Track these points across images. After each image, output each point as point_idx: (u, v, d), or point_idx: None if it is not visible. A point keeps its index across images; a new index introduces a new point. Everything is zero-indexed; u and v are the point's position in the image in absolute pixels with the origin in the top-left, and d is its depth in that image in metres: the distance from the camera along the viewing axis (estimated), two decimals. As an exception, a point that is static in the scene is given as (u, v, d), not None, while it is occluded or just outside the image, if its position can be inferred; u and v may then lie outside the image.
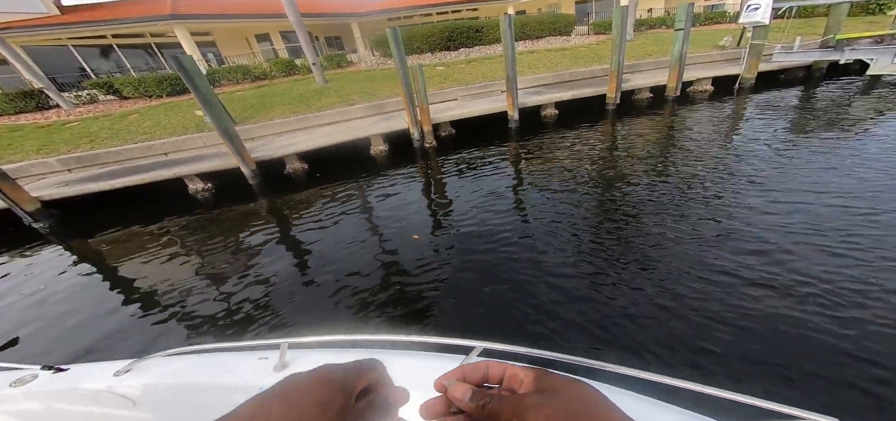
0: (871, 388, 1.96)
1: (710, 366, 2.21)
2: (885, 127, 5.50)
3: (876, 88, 7.61)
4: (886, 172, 4.11)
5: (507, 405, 0.28)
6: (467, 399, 0.30)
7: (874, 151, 4.72)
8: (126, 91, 11.04)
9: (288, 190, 6.18)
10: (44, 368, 1.20)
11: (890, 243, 2.96)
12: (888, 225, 3.19)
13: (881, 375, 2.01)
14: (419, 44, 14.12)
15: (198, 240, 4.84)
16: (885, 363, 2.06)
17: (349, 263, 3.72)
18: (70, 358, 2.92)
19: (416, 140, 7.38)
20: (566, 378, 0.29)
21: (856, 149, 4.89)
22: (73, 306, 3.64)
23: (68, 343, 3.13)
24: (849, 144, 5.06)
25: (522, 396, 0.28)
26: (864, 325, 2.30)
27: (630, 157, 5.66)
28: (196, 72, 5.39)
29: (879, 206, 3.47)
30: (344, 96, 9.49)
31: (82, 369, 1.22)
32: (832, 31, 9.08)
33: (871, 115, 6.04)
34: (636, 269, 3.08)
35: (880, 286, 2.56)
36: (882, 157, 4.54)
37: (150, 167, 6.63)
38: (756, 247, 3.13)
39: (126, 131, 8.08)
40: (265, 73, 13.59)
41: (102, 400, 1.11)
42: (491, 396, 0.29)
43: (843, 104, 6.84)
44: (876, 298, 2.47)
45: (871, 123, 5.65)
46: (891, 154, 4.57)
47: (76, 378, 1.17)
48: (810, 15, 14.12)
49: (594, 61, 10.56)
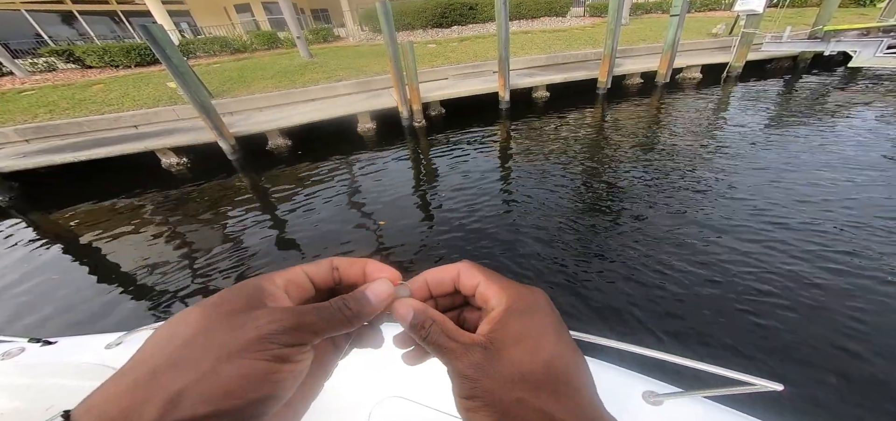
0: (820, 355, 2.05)
1: (673, 333, 2.26)
2: (856, 118, 5.69)
3: (855, 81, 7.82)
4: (851, 161, 4.26)
5: (451, 349, 0.24)
6: (408, 321, 0.26)
7: (842, 143, 4.87)
8: (89, 60, 10.19)
9: (270, 166, 5.92)
10: (31, 341, 1.17)
11: (835, 224, 3.09)
12: (835, 210, 3.34)
13: (830, 339, 2.11)
14: (410, 19, 13.54)
15: (174, 215, 4.60)
16: (825, 333, 2.16)
17: (335, 238, 3.63)
18: (34, 331, 2.75)
19: (405, 119, 7.15)
20: (542, 329, 0.24)
21: (826, 140, 5.02)
22: (36, 281, 3.42)
23: (37, 316, 2.95)
24: (820, 137, 5.19)
25: (468, 346, 0.24)
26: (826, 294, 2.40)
27: (616, 143, 5.66)
28: (167, 41, 4.98)
29: (831, 197, 3.62)
30: (330, 72, 9.05)
31: (71, 342, 1.19)
32: (822, 22, 9.19)
33: (844, 107, 6.22)
34: (617, 247, 3.12)
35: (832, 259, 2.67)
36: (849, 147, 4.69)
37: (118, 140, 6.19)
38: (725, 227, 3.21)
39: (90, 101, 7.49)
40: (245, 46, 12.80)
41: (95, 373, 1.08)
42: (432, 327, 0.25)
43: (821, 96, 7.02)
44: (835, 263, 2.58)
45: (843, 116, 5.82)
46: (857, 147, 4.73)
47: (65, 351, 1.14)
48: (803, 4, 14.26)
49: (588, 44, 10.40)
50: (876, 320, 2.24)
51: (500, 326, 0.24)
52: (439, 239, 3.49)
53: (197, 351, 0.20)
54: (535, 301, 0.26)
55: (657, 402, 0.77)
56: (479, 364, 0.23)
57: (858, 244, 2.87)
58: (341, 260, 0.30)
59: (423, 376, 0.95)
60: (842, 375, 1.96)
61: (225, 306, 0.22)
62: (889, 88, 7.17)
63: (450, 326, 0.26)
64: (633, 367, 0.87)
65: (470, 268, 0.29)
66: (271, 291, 0.24)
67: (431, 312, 0.26)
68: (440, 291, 0.30)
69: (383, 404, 0.95)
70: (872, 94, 6.78)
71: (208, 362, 0.20)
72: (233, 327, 0.21)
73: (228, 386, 0.19)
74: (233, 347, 0.20)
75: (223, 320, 0.21)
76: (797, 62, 9.70)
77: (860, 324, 2.23)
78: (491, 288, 0.27)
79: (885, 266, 2.63)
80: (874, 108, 6.04)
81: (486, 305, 0.27)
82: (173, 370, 0.19)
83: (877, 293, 2.42)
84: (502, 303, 0.25)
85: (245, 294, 0.23)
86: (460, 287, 0.29)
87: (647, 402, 0.78)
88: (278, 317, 0.22)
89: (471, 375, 0.23)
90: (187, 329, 0.21)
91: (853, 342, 2.12)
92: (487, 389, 0.22)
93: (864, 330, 2.19)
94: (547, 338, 0.24)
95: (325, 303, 0.25)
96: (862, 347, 2.09)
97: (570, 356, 0.24)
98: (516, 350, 0.23)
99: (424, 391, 0.95)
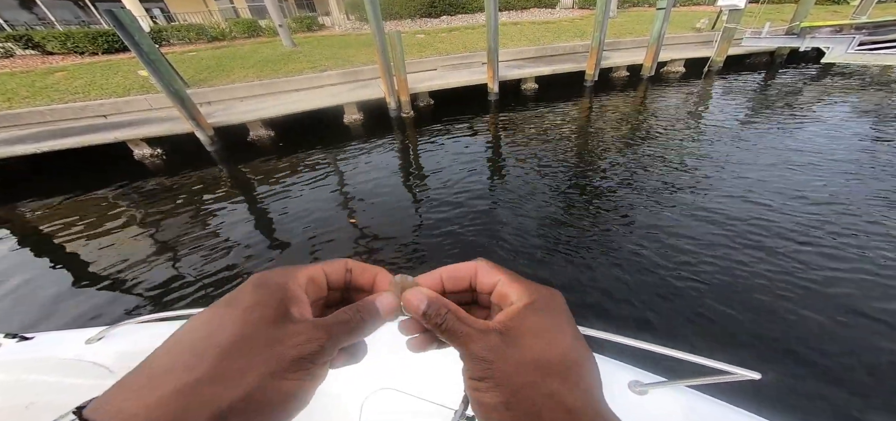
0: (794, 343, 2.13)
1: (653, 322, 2.30)
2: (827, 111, 5.96)
3: (827, 76, 8.17)
4: (824, 153, 4.47)
5: (467, 333, 0.25)
6: (422, 310, 0.26)
7: (813, 134, 5.09)
8: (50, 45, 9.49)
9: (252, 157, 5.68)
10: (7, 336, 1.11)
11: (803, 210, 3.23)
12: (811, 196, 3.50)
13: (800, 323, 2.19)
14: (399, 9, 13.25)
15: (148, 208, 4.36)
16: (802, 310, 2.25)
17: (321, 230, 3.52)
18: None
19: (393, 110, 7.01)
20: (560, 326, 0.25)
21: (797, 131, 5.25)
22: None
23: None
24: (793, 129, 5.41)
25: (484, 331, 0.24)
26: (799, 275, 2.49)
27: (603, 134, 5.72)
28: (136, 28, 4.68)
29: (809, 179, 3.81)
30: (314, 62, 8.75)
31: (49, 337, 1.14)
32: (799, 18, 9.52)
33: (817, 100, 6.50)
34: (606, 239, 3.16)
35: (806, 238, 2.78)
36: (820, 140, 4.91)
37: (85, 130, 5.81)
38: (704, 216, 3.30)
39: (52, 90, 6.97)
40: (223, 34, 12.22)
41: (75, 369, 1.04)
42: (447, 315, 0.26)
43: (795, 90, 7.30)
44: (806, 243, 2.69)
45: (816, 108, 6.08)
46: (826, 138, 4.95)
47: (43, 346, 1.09)
48: (782, 1, 14.73)
49: (576, 37, 10.45)
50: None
51: (519, 319, 0.25)
52: (428, 231, 3.43)
53: (240, 363, 0.20)
54: (554, 301, 0.26)
55: (643, 391, 0.79)
56: (494, 347, 0.23)
57: (821, 222, 3.00)
58: (355, 264, 0.30)
59: (415, 368, 0.97)
60: (810, 360, 2.04)
61: (258, 311, 0.23)
62: (858, 84, 7.52)
63: (463, 313, 0.26)
64: (619, 357, 0.89)
65: (488, 266, 0.29)
66: (296, 296, 0.25)
67: (444, 301, 0.27)
68: (455, 287, 0.30)
69: (375, 396, 0.96)
70: (843, 90, 7.10)
71: (253, 379, 0.20)
72: (271, 341, 0.22)
73: (273, 403, 0.21)
74: (275, 367, 0.21)
75: (261, 331, 0.22)
76: (774, 58, 10.05)
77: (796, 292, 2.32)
78: (512, 286, 0.27)
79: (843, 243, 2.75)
80: (844, 104, 6.33)
81: (503, 301, 0.27)
82: (218, 384, 0.19)
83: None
84: (523, 299, 0.26)
85: (275, 300, 0.23)
86: (477, 284, 0.29)
87: (632, 391, 0.80)
88: (314, 336, 0.23)
89: (486, 357, 0.23)
90: (224, 335, 0.21)
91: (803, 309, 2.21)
92: (501, 370, 0.22)
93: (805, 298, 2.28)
94: (564, 334, 0.24)
95: (343, 314, 0.26)
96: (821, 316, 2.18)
97: (584, 353, 0.24)
98: (533, 340, 0.24)
99: (415, 383, 0.96)
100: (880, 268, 2.56)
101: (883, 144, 4.56)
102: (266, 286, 0.24)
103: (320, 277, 0.28)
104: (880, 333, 2.12)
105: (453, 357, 0.75)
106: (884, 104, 6.13)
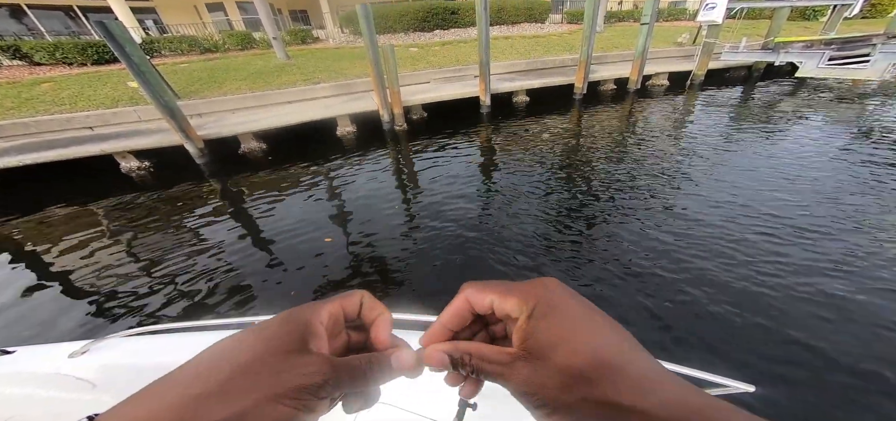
0: (784, 353, 2.19)
1: (655, 335, 2.34)
2: (800, 125, 6.26)
3: (801, 90, 8.57)
4: (801, 165, 4.68)
5: (495, 370, 0.25)
6: (446, 365, 0.27)
7: (791, 147, 5.33)
8: (38, 56, 9.35)
9: (243, 170, 5.64)
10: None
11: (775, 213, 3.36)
12: (787, 201, 3.64)
13: (791, 337, 2.26)
14: (393, 23, 13.48)
15: (135, 222, 4.27)
16: (794, 325, 2.32)
17: (314, 245, 3.49)
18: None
19: (386, 122, 7.07)
20: (571, 326, 0.24)
21: (775, 143, 5.48)
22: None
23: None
24: (770, 141, 5.65)
25: (510, 364, 0.25)
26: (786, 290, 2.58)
27: (592, 146, 5.86)
28: (127, 39, 4.67)
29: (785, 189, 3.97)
30: (308, 74, 8.81)
31: (31, 351, 1.13)
32: (773, 34, 10.01)
33: (792, 113, 6.83)
34: (597, 249, 3.22)
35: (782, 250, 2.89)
36: (797, 151, 5.14)
37: (71, 142, 5.70)
38: (687, 226, 3.39)
39: (38, 101, 6.85)
40: (216, 46, 12.24)
41: (58, 383, 1.02)
42: (472, 360, 0.26)
43: (773, 103, 7.65)
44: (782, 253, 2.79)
45: (790, 121, 6.39)
46: (799, 149, 5.19)
47: (25, 361, 1.08)
48: (757, 17, 15.50)
49: (565, 51, 10.77)
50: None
51: (530, 335, 0.24)
52: (421, 245, 3.43)
53: (246, 383, 0.22)
54: (551, 299, 0.25)
55: None
56: (529, 379, 0.23)
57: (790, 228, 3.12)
58: (368, 298, 0.31)
59: (409, 384, 0.93)
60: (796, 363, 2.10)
61: (278, 341, 0.24)
62: (829, 97, 7.91)
63: (485, 350, 0.26)
64: None
65: (476, 290, 0.28)
66: (317, 332, 0.26)
67: (462, 346, 0.27)
68: (461, 325, 0.29)
69: (369, 412, 0.93)
70: (813, 103, 7.46)
71: (252, 400, 0.21)
72: (280, 369, 0.23)
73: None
74: (276, 391, 0.22)
75: (276, 358, 0.23)
76: (751, 71, 10.52)
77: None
78: (506, 301, 0.26)
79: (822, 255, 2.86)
80: (816, 115, 6.65)
81: (507, 318, 0.27)
82: (218, 400, 0.21)
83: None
84: (523, 310, 0.25)
85: (297, 332, 0.25)
86: (477, 311, 0.29)
87: None
88: (320, 370, 0.24)
89: (529, 392, 0.23)
90: (241, 356, 0.23)
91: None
92: (552, 398, 0.22)
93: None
94: (580, 332, 0.24)
95: (354, 360, 0.27)
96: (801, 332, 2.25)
97: (609, 335, 0.24)
98: (558, 356, 0.23)
99: (410, 398, 0.95)
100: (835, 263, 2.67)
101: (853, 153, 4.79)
102: (293, 320, 0.26)
103: (338, 313, 0.29)
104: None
105: None
106: (854, 115, 6.46)
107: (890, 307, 2.38)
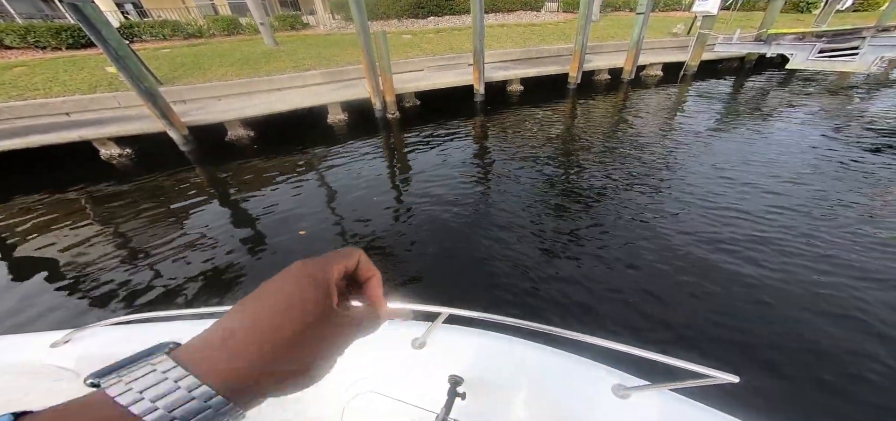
0: (770, 345, 2.22)
1: (641, 325, 2.35)
2: (790, 115, 6.32)
3: (791, 83, 8.66)
4: (788, 157, 4.73)
5: None
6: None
7: (780, 138, 5.39)
8: (8, 40, 8.84)
9: (230, 158, 5.46)
10: None
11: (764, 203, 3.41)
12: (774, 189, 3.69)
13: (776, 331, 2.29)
14: (385, 9, 13.16)
15: (117, 209, 4.12)
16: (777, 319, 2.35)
17: (301, 233, 3.40)
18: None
19: (379, 110, 6.92)
20: None
21: (765, 134, 5.53)
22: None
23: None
24: (760, 133, 5.71)
25: None
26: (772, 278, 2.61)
27: (585, 136, 5.84)
28: (103, 22, 4.42)
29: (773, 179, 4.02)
30: (298, 61, 8.55)
31: (11, 340, 1.12)
32: (767, 25, 10.05)
33: (782, 105, 6.90)
34: (587, 241, 3.21)
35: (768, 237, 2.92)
36: (786, 142, 5.20)
37: (45, 128, 5.43)
38: (677, 212, 3.41)
39: (10, 85, 6.50)
40: (201, 31, 11.76)
41: (38, 371, 1.02)
42: None
43: (763, 95, 7.72)
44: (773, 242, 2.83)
45: (780, 113, 6.46)
46: (789, 140, 5.24)
47: (6, 350, 1.08)
48: (752, 8, 15.54)
49: (560, 40, 10.67)
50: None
51: None
52: (412, 234, 3.38)
53: (299, 352, 0.26)
54: None
55: (625, 395, 0.80)
56: None
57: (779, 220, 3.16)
58: (364, 257, 0.34)
59: (397, 372, 0.96)
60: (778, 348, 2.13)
61: (326, 305, 0.28)
62: (817, 89, 8.02)
63: None
64: (604, 360, 0.90)
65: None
66: (334, 291, 0.29)
67: None
68: None
69: (357, 400, 0.95)
70: (802, 96, 7.55)
71: (308, 360, 0.26)
72: (322, 331, 0.27)
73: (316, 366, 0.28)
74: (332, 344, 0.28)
75: (318, 321, 0.27)
76: (744, 63, 10.58)
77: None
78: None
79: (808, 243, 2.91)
80: (803, 108, 6.73)
81: None
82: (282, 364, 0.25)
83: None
84: None
85: (327, 293, 0.28)
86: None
87: (616, 395, 0.81)
88: (352, 321, 0.30)
89: None
90: (289, 330, 0.26)
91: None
92: None
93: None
94: None
95: (357, 312, 0.31)
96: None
97: None
98: None
99: (397, 386, 0.95)
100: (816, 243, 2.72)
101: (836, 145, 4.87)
102: (321, 286, 0.28)
103: (343, 272, 0.32)
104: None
105: (436, 362, 0.76)
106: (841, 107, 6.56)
107: (872, 290, 2.43)
